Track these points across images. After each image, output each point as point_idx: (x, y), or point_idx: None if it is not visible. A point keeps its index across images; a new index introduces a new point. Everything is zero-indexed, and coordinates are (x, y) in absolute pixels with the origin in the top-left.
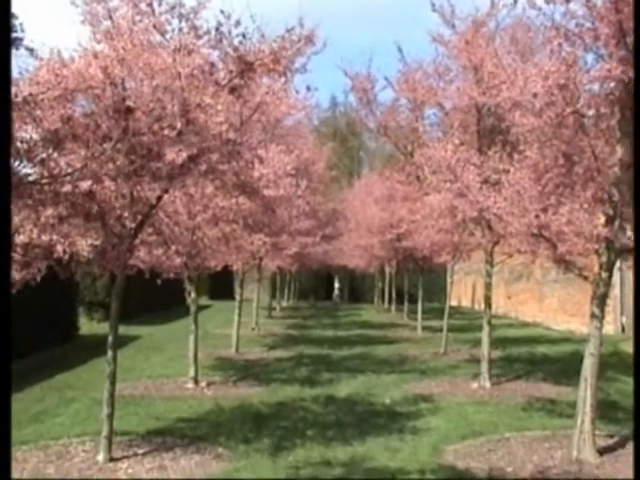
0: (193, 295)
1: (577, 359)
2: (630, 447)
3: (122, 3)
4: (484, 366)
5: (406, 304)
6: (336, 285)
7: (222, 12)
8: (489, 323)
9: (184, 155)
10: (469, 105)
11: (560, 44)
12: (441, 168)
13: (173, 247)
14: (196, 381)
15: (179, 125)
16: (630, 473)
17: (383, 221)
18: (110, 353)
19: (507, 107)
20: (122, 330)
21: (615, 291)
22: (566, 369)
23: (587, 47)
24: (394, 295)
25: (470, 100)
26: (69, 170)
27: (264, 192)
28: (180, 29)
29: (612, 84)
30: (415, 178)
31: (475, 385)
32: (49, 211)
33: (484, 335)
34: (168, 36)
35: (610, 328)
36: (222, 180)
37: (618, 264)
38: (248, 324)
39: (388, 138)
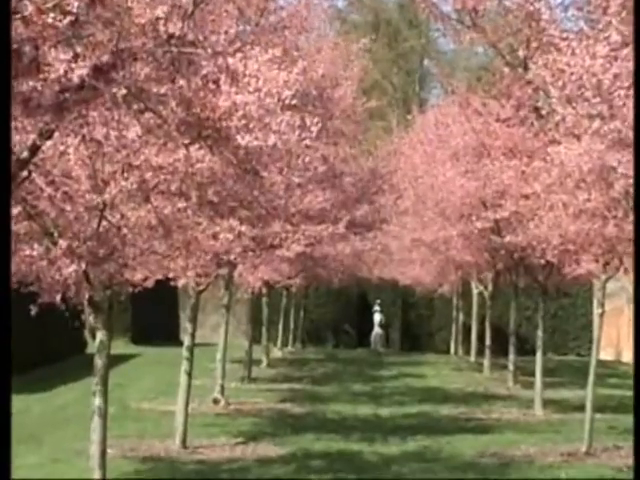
0: (101, 336)
1: None
2: None
3: None
4: None
5: (512, 356)
6: (376, 318)
7: None
8: None
9: (84, 66)
10: None
11: None
12: (584, 91)
13: (62, 242)
14: None
15: (75, 4)
16: None
17: (469, 195)
18: None
19: None
20: None
21: None
22: None
23: None
24: (488, 338)
25: None
26: None
27: (239, 139)
28: None
29: None
30: (532, 111)
31: None
32: None
33: None
34: None
35: None
36: (158, 115)
37: None
38: (206, 391)
39: (480, 34)
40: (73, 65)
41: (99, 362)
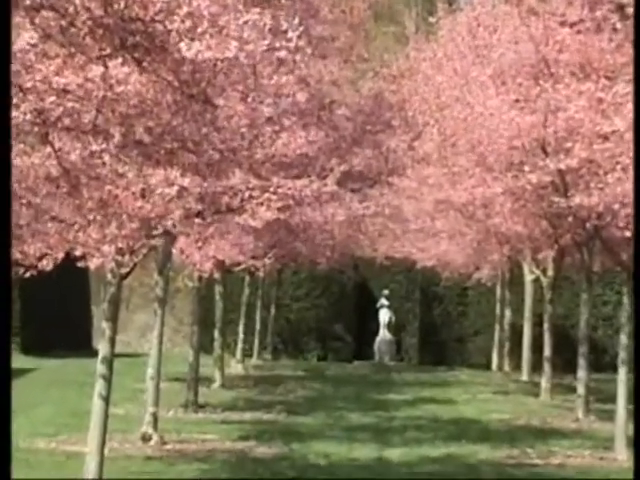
0: None
1: None
2: None
3: None
4: None
5: (583, 373)
6: (383, 316)
7: None
8: None
9: None
10: None
11: None
12: None
13: None
14: None
15: None
16: None
17: (521, 135)
18: None
19: None
20: None
21: None
22: None
23: None
24: (548, 347)
25: None
26: None
27: (183, 50)
28: None
29: None
30: (613, 11)
31: None
32: None
33: None
34: None
35: None
36: (61, 14)
37: None
38: (132, 424)
39: None
40: None
41: None
